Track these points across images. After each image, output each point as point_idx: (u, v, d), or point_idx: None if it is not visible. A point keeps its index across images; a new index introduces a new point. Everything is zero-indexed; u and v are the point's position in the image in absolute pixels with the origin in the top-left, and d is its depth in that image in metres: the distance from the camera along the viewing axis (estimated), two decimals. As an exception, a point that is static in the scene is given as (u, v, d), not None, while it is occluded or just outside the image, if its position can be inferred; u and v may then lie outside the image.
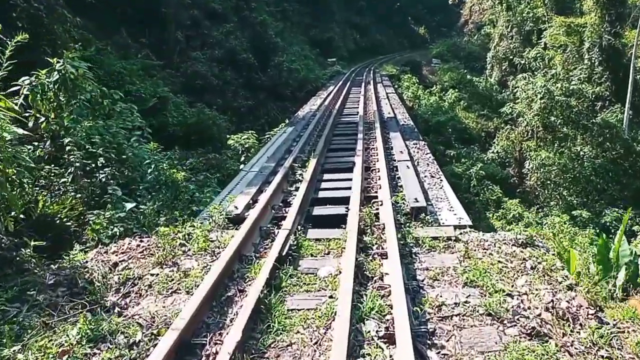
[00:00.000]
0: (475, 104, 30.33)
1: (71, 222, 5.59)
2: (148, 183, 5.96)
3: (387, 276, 3.60)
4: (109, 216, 5.32)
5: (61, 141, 6.99)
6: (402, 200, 5.33)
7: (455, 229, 4.66)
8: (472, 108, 29.70)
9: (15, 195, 4.55)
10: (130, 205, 5.18)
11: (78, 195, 6.29)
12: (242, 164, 12.32)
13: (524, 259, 4.00)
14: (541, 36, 26.49)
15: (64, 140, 6.81)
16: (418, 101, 27.85)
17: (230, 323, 3.22)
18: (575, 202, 17.56)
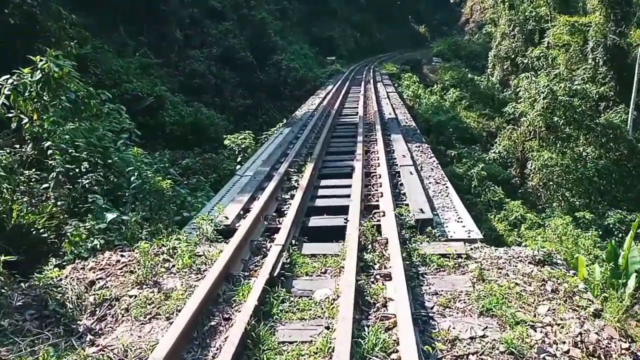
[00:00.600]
0: (476, 104, 29.90)
1: (49, 233, 5.18)
2: (133, 191, 5.55)
3: (392, 302, 3.19)
4: (90, 227, 4.92)
5: (42, 144, 6.58)
6: (406, 210, 4.91)
7: (465, 244, 4.25)
8: (474, 107, 29.27)
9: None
10: (111, 215, 4.77)
11: (59, 202, 5.88)
12: (239, 165, 11.93)
13: (544, 280, 3.60)
14: (544, 35, 26.05)
15: (45, 143, 6.40)
16: (418, 100, 27.43)
17: None
18: (577, 204, 17.19)
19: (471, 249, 4.21)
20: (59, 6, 15.27)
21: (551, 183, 18.62)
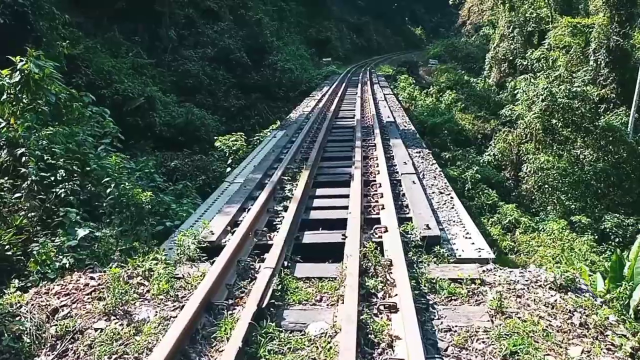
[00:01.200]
0: (472, 106, 29.56)
1: (15, 249, 4.68)
2: (111, 201, 5.05)
3: (399, 342, 2.73)
4: (59, 243, 4.42)
5: (16, 151, 6.08)
6: (411, 226, 4.44)
7: (477, 266, 3.80)
8: (469, 109, 28.92)
9: None
10: (83, 232, 4.28)
11: (30, 214, 5.38)
12: (229, 167, 11.46)
13: (570, 312, 3.15)
14: (545, 37, 25.70)
15: (19, 150, 5.90)
16: (414, 102, 27.05)
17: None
18: (573, 207, 16.81)
19: (484, 271, 3.76)
20: (52, 6, 14.80)
21: (546, 186, 18.25)
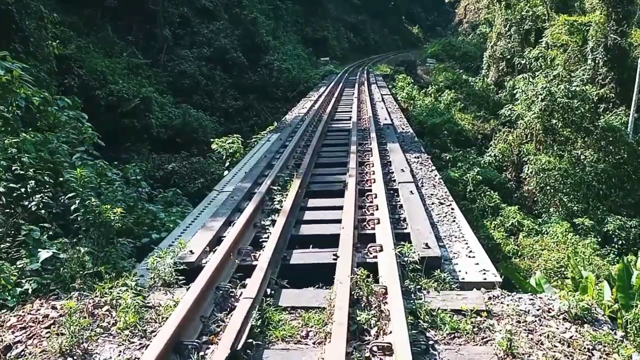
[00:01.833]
0: (471, 105, 29.22)
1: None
2: (79, 217, 4.64)
3: (394, 395, 2.35)
4: (22, 266, 4.02)
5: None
6: (409, 247, 4.04)
7: (483, 292, 3.42)
8: (468, 109, 28.58)
9: None
10: (46, 254, 3.88)
11: (-5, 230, 4.97)
12: (227, 170, 11.11)
13: (589, 352, 2.77)
14: (542, 35, 25.36)
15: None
16: (413, 102, 26.67)
17: None
18: (575, 209, 16.50)
19: (490, 299, 3.38)
20: (40, 4, 14.36)
21: (548, 187, 17.92)
